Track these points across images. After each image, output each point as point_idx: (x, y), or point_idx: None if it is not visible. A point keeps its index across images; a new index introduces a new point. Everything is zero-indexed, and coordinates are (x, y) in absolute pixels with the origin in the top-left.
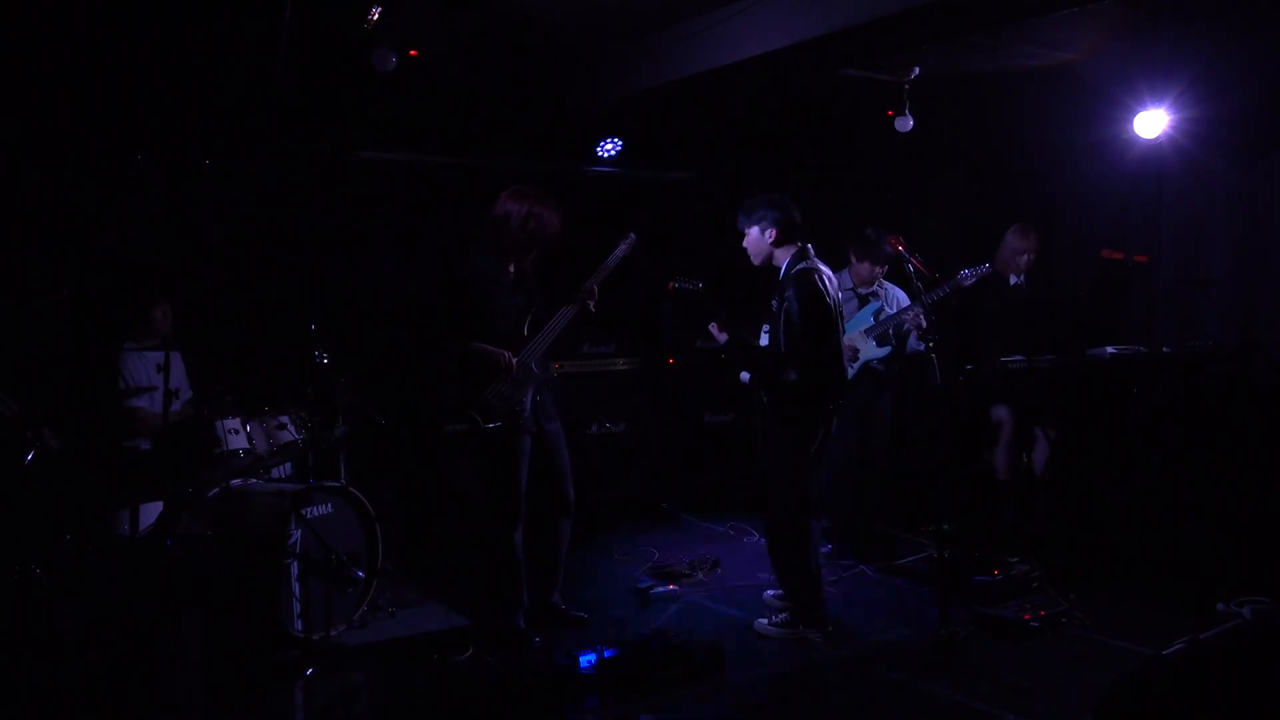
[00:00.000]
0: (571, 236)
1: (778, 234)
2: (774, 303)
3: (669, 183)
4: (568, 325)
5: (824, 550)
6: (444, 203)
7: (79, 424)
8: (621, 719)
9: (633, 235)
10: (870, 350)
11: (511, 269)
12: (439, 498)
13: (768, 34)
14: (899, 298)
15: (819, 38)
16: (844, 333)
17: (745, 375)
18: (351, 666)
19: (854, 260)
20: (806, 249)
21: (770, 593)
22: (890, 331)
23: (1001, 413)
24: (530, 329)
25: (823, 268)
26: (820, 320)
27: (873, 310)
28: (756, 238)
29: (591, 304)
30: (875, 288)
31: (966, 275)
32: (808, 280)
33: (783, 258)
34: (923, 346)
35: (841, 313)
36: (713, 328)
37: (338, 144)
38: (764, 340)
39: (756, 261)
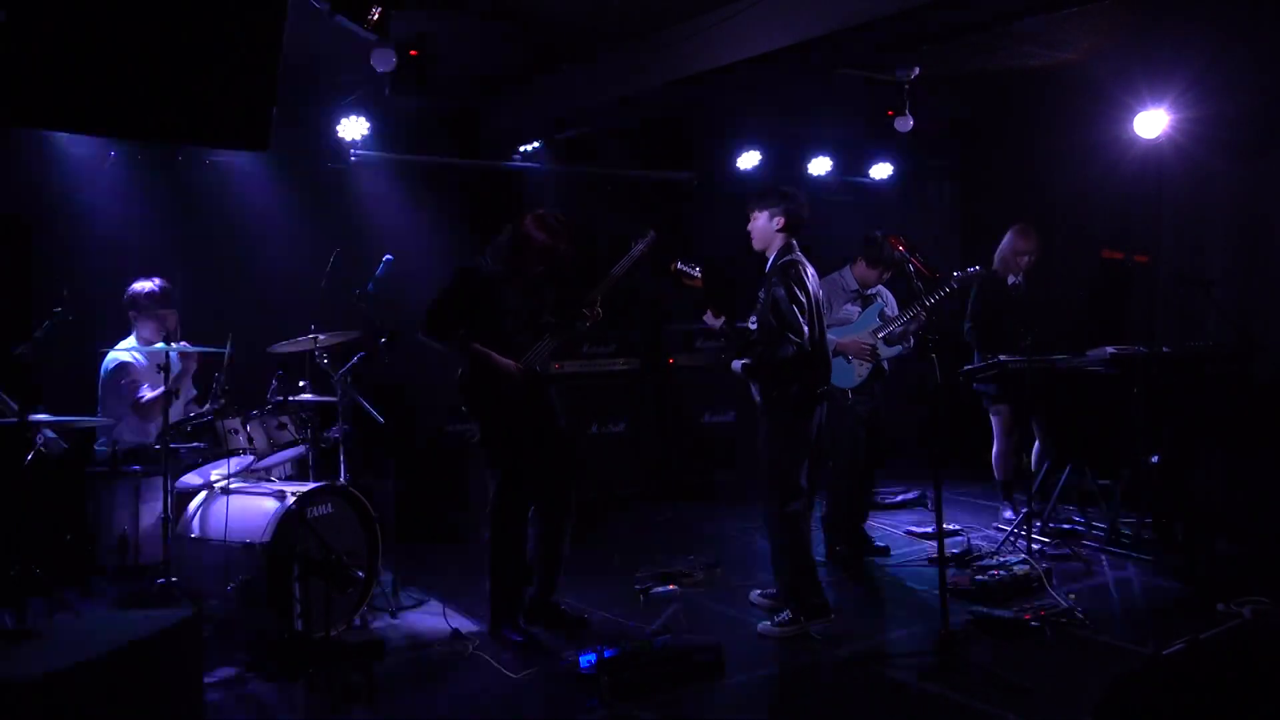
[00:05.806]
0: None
1: (784, 223)
2: (760, 294)
3: (669, 183)
4: (572, 332)
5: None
6: (444, 202)
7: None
8: (622, 719)
9: (652, 233)
10: (884, 350)
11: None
12: (440, 497)
13: (768, 34)
14: (891, 299)
15: (819, 37)
16: (829, 329)
17: (737, 365)
18: (351, 666)
19: (865, 265)
20: (792, 244)
21: (756, 593)
22: (897, 333)
23: (1001, 412)
24: (537, 332)
25: (806, 262)
26: (803, 307)
27: (876, 311)
28: (764, 223)
29: (589, 323)
30: (876, 289)
31: (958, 277)
32: (794, 271)
33: (775, 248)
34: (909, 347)
35: (821, 306)
36: (708, 315)
37: (336, 143)
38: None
39: (758, 246)
